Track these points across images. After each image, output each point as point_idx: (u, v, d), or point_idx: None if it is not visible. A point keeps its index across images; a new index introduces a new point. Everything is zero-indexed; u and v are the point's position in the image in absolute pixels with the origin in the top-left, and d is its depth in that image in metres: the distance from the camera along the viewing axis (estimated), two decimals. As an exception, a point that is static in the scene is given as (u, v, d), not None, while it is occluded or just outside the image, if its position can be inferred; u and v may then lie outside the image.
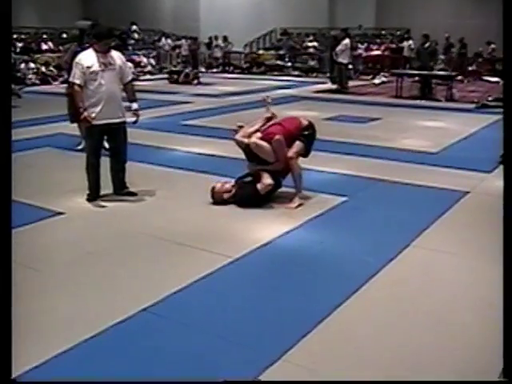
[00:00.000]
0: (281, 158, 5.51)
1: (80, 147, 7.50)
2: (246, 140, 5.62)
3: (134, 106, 5.71)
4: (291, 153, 5.51)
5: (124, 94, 5.71)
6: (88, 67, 5.33)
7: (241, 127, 5.84)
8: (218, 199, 5.55)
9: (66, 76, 8.07)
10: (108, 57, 5.46)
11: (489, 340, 3.19)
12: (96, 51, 5.42)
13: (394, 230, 4.92)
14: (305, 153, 5.69)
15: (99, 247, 4.52)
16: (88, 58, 5.40)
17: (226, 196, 5.53)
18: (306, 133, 5.64)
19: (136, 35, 24.73)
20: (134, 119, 5.75)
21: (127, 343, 3.15)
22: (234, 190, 5.53)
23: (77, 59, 5.46)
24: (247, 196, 5.49)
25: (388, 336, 3.25)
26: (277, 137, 5.45)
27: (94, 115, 5.36)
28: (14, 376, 2.63)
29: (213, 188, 5.59)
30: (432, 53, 15.61)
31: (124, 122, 5.64)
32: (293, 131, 5.59)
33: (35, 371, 2.84)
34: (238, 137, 5.74)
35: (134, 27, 24.60)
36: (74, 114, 7.49)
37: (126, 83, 5.64)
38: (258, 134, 5.61)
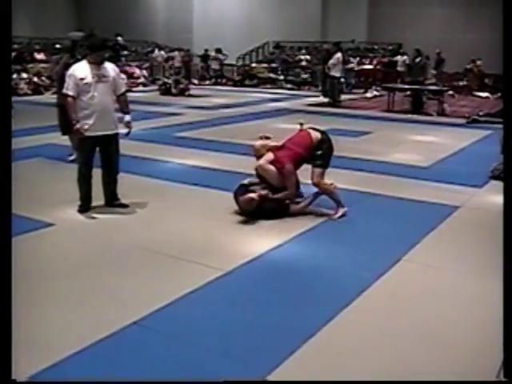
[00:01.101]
0: (290, 187, 5.49)
1: (71, 158, 7.48)
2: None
3: (127, 117, 5.71)
4: (315, 179, 5.50)
5: (117, 106, 5.71)
6: (81, 79, 5.33)
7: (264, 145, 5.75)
8: (250, 208, 5.43)
9: (57, 87, 8.03)
10: (101, 68, 5.46)
11: (481, 352, 3.20)
12: (89, 63, 5.42)
13: (385, 244, 4.93)
14: (324, 167, 5.63)
15: (89, 259, 4.49)
16: (81, 69, 5.40)
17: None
18: (320, 152, 5.53)
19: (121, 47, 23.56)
20: (126, 131, 5.75)
21: (117, 356, 3.13)
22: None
23: (70, 70, 5.45)
24: (270, 210, 5.45)
25: (380, 350, 3.24)
26: (287, 166, 5.42)
27: (86, 127, 5.35)
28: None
29: (252, 199, 5.38)
30: (423, 67, 15.76)
31: (116, 134, 5.63)
32: (304, 154, 5.52)
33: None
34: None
35: (119, 38, 23.44)
36: (66, 126, 7.50)
37: (119, 95, 5.64)
38: (271, 156, 5.55)
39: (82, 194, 5.60)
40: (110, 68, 5.55)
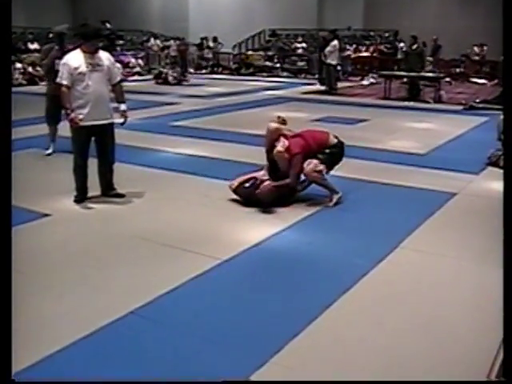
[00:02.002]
0: (292, 176, 5.45)
1: (49, 151, 7.58)
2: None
3: (123, 107, 5.67)
4: (307, 168, 5.46)
5: (112, 95, 5.67)
6: (75, 68, 5.28)
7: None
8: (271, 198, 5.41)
9: (46, 78, 8.00)
10: (96, 57, 5.41)
11: (478, 340, 3.21)
12: (83, 52, 5.38)
13: (382, 232, 4.92)
14: (327, 168, 5.59)
15: (86, 249, 4.48)
16: (75, 58, 5.35)
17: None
18: (328, 150, 5.57)
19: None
20: (122, 120, 5.71)
21: (115, 346, 3.12)
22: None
23: (64, 60, 5.41)
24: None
25: (376, 337, 3.24)
26: (297, 156, 5.41)
27: (81, 117, 5.32)
28: None
29: (272, 189, 5.40)
30: (420, 54, 15.69)
31: (112, 123, 5.60)
32: (314, 149, 5.53)
33: (22, 374, 2.81)
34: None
35: (108, 25, 22.87)
36: (49, 116, 7.47)
37: (114, 84, 5.60)
38: (286, 143, 5.51)
39: (77, 184, 5.58)
40: (104, 57, 5.50)
